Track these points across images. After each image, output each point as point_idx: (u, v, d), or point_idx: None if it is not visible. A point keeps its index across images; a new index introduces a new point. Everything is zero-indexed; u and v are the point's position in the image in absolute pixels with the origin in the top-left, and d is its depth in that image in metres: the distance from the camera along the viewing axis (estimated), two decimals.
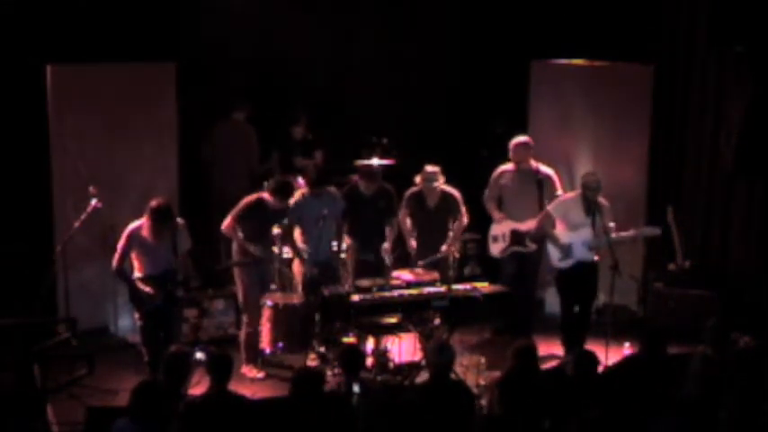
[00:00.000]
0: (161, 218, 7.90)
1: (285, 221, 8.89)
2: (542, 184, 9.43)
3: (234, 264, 8.77)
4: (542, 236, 9.31)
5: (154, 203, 7.95)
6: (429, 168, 9.29)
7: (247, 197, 8.76)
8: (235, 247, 8.77)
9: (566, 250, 8.96)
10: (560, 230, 9.03)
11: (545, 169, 9.53)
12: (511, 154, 9.49)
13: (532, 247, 9.48)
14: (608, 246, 8.73)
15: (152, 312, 8.04)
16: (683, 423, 6.27)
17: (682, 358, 7.74)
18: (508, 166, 9.59)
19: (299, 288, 8.93)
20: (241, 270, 8.73)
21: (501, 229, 9.56)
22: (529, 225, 9.44)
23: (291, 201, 8.87)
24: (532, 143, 9.50)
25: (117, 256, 8.07)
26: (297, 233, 8.91)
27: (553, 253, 9.09)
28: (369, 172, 9.26)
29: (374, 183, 9.19)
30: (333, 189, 9.11)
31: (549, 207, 9.15)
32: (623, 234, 8.94)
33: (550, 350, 9.18)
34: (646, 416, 6.42)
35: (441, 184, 9.30)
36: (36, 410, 7.60)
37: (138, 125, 9.49)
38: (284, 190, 8.70)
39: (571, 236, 8.97)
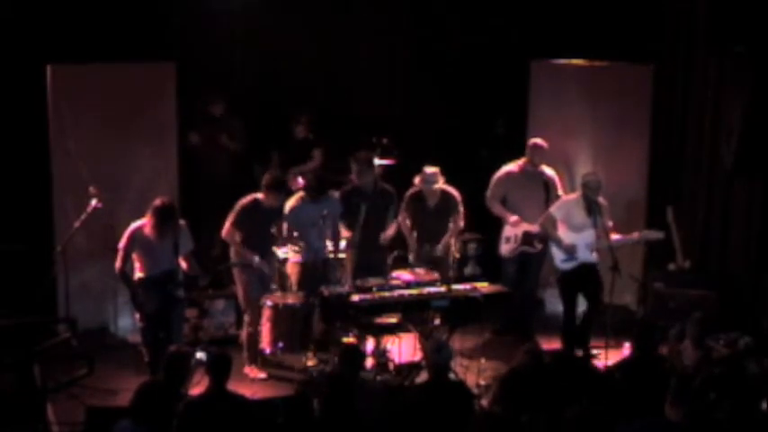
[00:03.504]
0: (165, 217, 7.90)
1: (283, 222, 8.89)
2: (548, 185, 9.47)
3: (233, 265, 8.77)
4: (546, 236, 9.37)
5: (158, 202, 7.95)
6: (428, 170, 9.28)
7: (242, 200, 8.73)
8: (232, 249, 8.77)
9: (571, 251, 8.95)
10: (562, 232, 9.03)
11: (548, 171, 9.56)
12: (529, 153, 9.51)
13: (539, 246, 9.51)
14: (608, 246, 8.75)
15: (153, 313, 8.04)
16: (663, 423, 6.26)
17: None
18: (512, 167, 9.61)
19: (294, 288, 8.92)
20: (240, 270, 8.73)
21: (515, 231, 9.56)
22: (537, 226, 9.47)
23: (289, 205, 8.85)
24: (546, 147, 9.55)
25: (120, 257, 8.05)
26: (296, 235, 8.89)
27: (556, 254, 9.08)
28: (367, 160, 9.14)
29: (371, 172, 9.13)
30: (331, 192, 9.09)
31: (552, 208, 9.16)
32: (627, 237, 8.95)
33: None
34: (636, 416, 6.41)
35: (440, 184, 9.30)
36: (36, 410, 7.60)
37: (138, 125, 9.48)
38: (277, 185, 8.66)
39: (574, 237, 8.97)
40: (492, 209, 9.65)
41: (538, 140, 9.59)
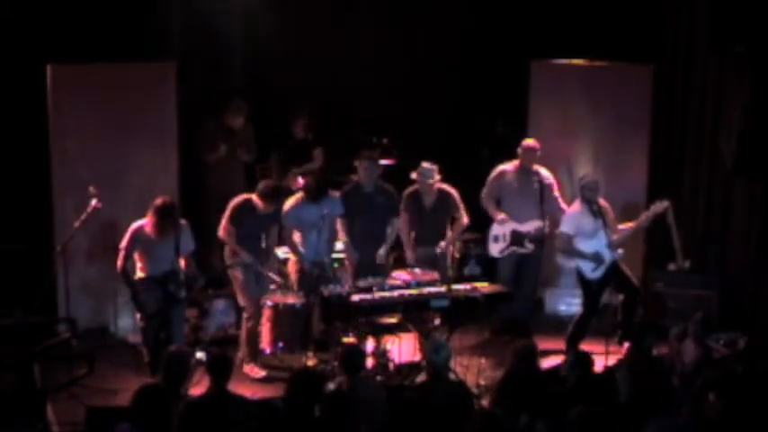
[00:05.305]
0: (166, 215, 7.93)
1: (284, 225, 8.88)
2: (542, 184, 9.48)
3: (229, 266, 8.77)
4: (543, 238, 9.36)
5: (159, 201, 7.99)
6: (425, 165, 9.28)
7: (236, 198, 8.74)
8: (227, 249, 8.79)
9: (597, 258, 8.92)
10: (580, 243, 8.99)
11: (544, 173, 9.57)
12: (520, 155, 9.52)
13: (530, 247, 9.50)
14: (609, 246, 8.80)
15: (153, 313, 8.04)
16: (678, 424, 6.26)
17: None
18: (508, 166, 9.62)
19: (295, 288, 8.92)
20: (237, 271, 8.72)
21: (502, 229, 9.57)
22: (529, 226, 9.46)
23: (288, 205, 8.83)
24: (539, 148, 9.54)
25: (121, 256, 8.09)
26: (295, 235, 8.89)
27: (585, 267, 9.01)
28: (371, 159, 9.17)
29: (375, 171, 9.14)
30: (331, 192, 9.08)
31: (561, 228, 9.12)
32: (637, 223, 8.96)
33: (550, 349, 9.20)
34: (639, 416, 6.41)
35: (437, 181, 9.29)
36: (36, 410, 7.60)
37: (138, 125, 9.49)
38: (273, 194, 8.63)
39: (593, 244, 8.95)
40: (486, 208, 9.66)
41: (530, 142, 9.59)
